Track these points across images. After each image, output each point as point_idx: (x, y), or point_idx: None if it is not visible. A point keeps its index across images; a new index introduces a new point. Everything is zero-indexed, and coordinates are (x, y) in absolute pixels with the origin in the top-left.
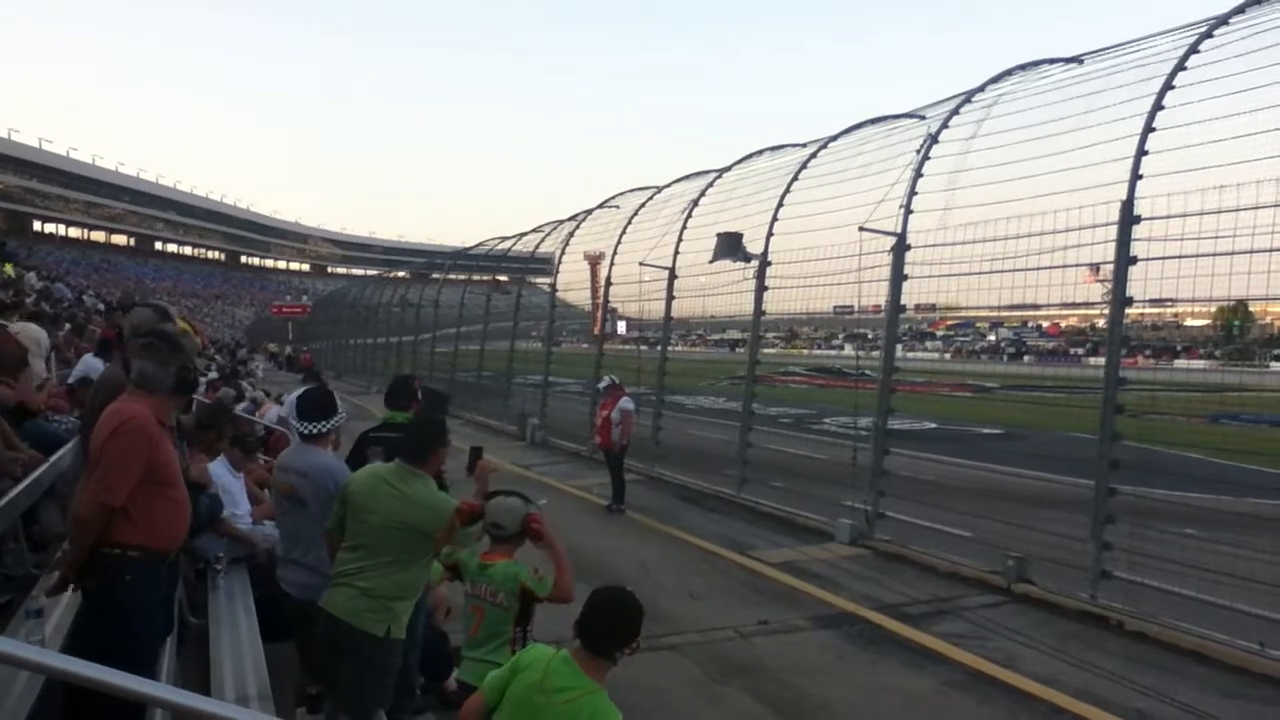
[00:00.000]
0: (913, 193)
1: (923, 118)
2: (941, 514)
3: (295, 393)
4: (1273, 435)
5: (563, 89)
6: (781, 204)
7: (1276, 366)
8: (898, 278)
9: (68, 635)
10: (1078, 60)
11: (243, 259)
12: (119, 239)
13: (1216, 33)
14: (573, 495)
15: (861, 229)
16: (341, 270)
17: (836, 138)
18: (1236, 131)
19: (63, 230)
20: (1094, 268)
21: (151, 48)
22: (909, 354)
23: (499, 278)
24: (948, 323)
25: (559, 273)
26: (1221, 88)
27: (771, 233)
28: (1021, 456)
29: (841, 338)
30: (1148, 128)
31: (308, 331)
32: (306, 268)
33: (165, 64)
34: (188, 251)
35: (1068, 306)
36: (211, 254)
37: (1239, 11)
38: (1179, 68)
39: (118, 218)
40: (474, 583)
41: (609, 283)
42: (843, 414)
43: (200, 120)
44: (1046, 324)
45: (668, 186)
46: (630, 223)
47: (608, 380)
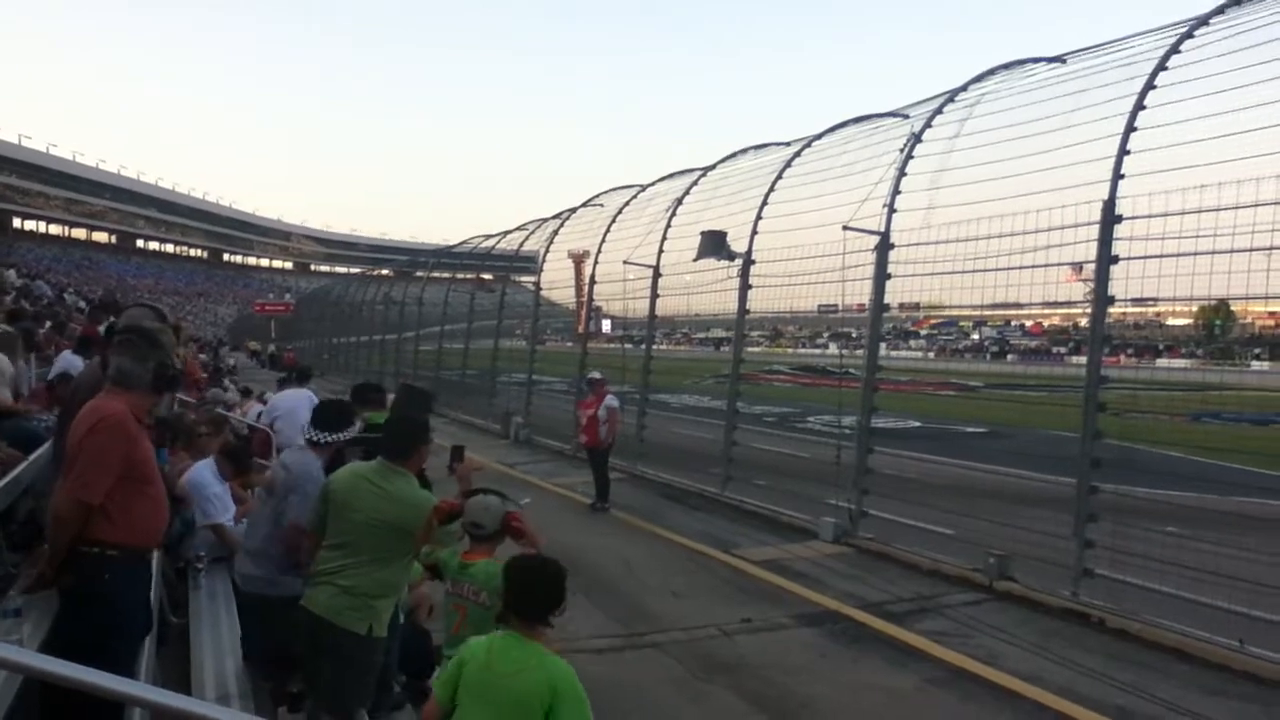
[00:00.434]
0: (896, 192)
1: (906, 117)
2: (925, 512)
3: (280, 393)
4: (1253, 434)
5: (563, 89)
6: (766, 202)
7: (1257, 366)
8: (881, 276)
9: (46, 634)
10: (1060, 60)
11: (225, 257)
12: (100, 236)
13: (1197, 33)
14: (557, 494)
15: (845, 228)
16: (325, 268)
17: (820, 136)
18: (1217, 131)
19: (43, 227)
20: (1076, 267)
21: (150, 48)
22: (893, 353)
23: (483, 276)
24: (931, 321)
25: (543, 271)
26: (1202, 87)
27: (756, 231)
28: (1005, 455)
29: (826, 336)
30: (1129, 127)
31: (291, 330)
32: (289, 266)
33: (162, 63)
34: (170, 249)
35: (1050, 305)
36: (194, 252)
37: (1219, 12)
38: (1160, 67)
39: (99, 215)
40: (455, 582)
41: (593, 281)
42: (827, 412)
43: (181, 115)
44: (1029, 323)
45: (652, 185)
46: (614, 221)
47: (595, 374)
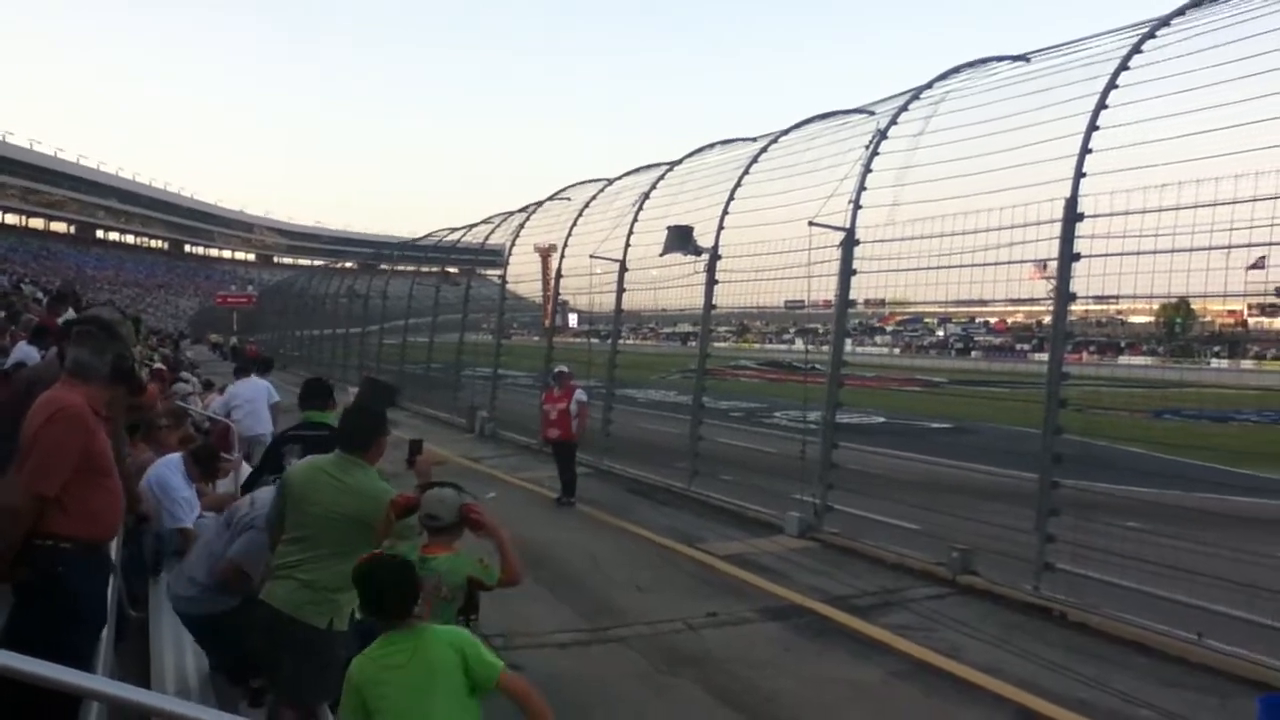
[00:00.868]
0: (862, 188)
1: (872, 113)
2: (890, 507)
3: (239, 383)
4: (1213, 430)
5: (562, 89)
6: (732, 198)
7: (1217, 363)
8: (846, 272)
9: (1, 629)
10: (1025, 59)
11: (187, 248)
12: (59, 226)
13: (1159, 33)
14: (522, 488)
15: (811, 224)
16: (288, 260)
17: (787, 132)
18: (1177, 131)
19: (0, 217)
20: (1040, 264)
21: (150, 47)
22: (859, 348)
23: (448, 269)
24: (897, 318)
25: (509, 264)
26: (1163, 88)
27: (722, 226)
28: (969, 450)
29: (792, 332)
30: (1091, 126)
31: (253, 322)
32: (252, 257)
33: (154, 63)
34: (130, 240)
35: (1015, 303)
36: (155, 243)
37: (1179, 13)
38: (1122, 67)
39: (57, 205)
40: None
41: (559, 275)
42: (792, 408)
43: (141, 101)
44: (994, 320)
45: (619, 179)
46: (581, 215)
47: (563, 368)
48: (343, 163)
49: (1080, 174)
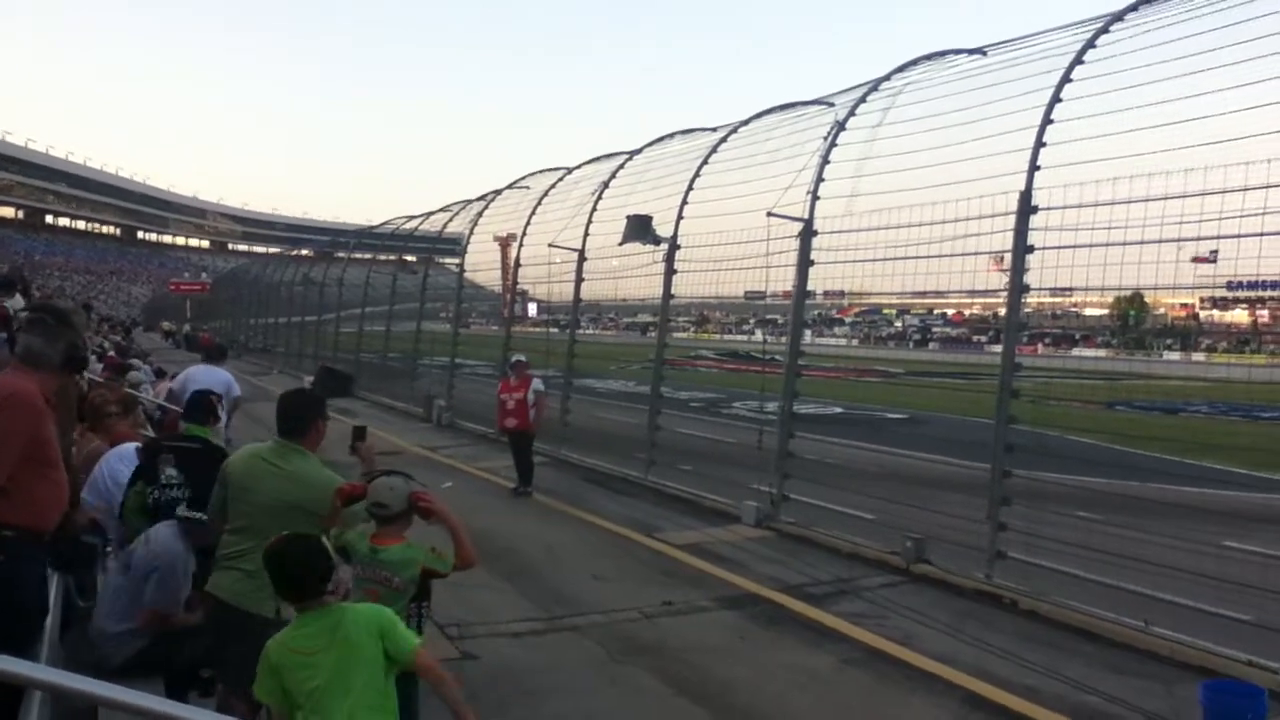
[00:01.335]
0: (820, 179)
1: (831, 105)
2: (845, 496)
3: (194, 369)
4: (1164, 422)
5: (524, 80)
6: (691, 187)
7: (1169, 356)
8: (804, 263)
9: None
10: (982, 52)
11: (139, 234)
12: (6, 211)
13: (1113, 29)
14: (480, 478)
15: (770, 214)
16: (243, 247)
17: (747, 122)
18: (1130, 125)
19: None
20: (998, 257)
21: (97, 30)
22: (818, 339)
23: (406, 257)
24: (856, 309)
25: (468, 253)
26: (1116, 82)
27: (681, 216)
28: (924, 440)
29: (752, 322)
30: (1045, 119)
31: (207, 310)
32: (206, 244)
33: (101, 45)
34: (81, 226)
35: (972, 294)
36: (106, 229)
37: (1133, 9)
38: (1076, 62)
39: (5, 189)
40: (366, 566)
41: (518, 264)
42: (751, 398)
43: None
44: (952, 312)
45: (579, 168)
46: (540, 203)
47: (520, 356)
48: (299, 151)
49: (1035, 166)
